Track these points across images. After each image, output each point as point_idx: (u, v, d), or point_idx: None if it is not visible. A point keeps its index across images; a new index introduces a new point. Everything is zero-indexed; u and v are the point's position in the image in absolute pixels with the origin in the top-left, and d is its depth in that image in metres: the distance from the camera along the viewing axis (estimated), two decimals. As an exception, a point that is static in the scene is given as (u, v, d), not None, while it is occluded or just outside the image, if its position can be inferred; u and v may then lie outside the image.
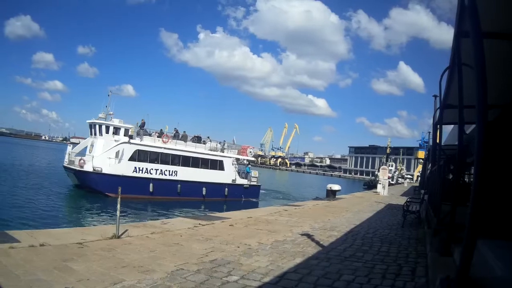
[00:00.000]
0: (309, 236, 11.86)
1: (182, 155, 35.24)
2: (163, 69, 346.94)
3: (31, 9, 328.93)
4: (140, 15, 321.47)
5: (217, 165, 37.22)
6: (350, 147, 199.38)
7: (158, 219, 16.77)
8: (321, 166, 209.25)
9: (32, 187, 32.34)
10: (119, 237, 10.26)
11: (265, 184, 59.15)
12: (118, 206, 10.51)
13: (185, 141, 36.67)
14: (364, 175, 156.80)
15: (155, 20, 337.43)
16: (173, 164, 34.70)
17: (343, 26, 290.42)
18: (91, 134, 34.34)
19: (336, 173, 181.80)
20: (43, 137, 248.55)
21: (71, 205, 28.12)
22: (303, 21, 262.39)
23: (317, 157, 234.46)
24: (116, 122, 33.77)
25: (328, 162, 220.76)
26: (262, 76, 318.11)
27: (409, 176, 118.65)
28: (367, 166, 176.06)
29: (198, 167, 35.98)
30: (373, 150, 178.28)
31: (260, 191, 41.67)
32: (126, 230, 11.09)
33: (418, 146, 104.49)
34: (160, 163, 33.81)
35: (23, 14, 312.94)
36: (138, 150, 32.88)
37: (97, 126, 33.26)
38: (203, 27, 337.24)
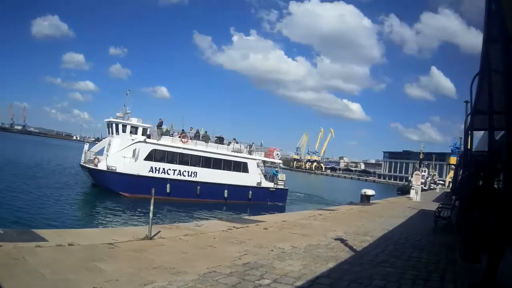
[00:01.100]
0: (342, 240, 12.13)
1: (202, 156, 35.52)
2: (197, 71, 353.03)
3: (58, 9, 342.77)
4: (172, 17, 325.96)
5: (240, 167, 37.34)
6: (384, 152, 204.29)
7: (182, 221, 16.96)
8: (356, 171, 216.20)
9: (54, 186, 32.99)
10: (151, 238, 10.40)
11: (300, 188, 61.65)
12: (151, 207, 10.69)
13: (206, 141, 36.92)
14: (398, 180, 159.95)
15: (188, 22, 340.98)
16: (192, 165, 34.99)
17: (375, 30, 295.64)
18: (108, 133, 35.15)
19: (371, 178, 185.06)
20: (74, 137, 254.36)
21: (86, 205, 28.70)
22: (337, 25, 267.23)
23: (352, 162, 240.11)
24: (134, 121, 34.39)
25: (362, 167, 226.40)
26: (297, 80, 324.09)
27: (441, 182, 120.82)
28: (400, 172, 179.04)
29: (220, 169, 36.17)
30: (407, 155, 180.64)
31: (298, 194, 40.89)
32: (159, 232, 11.24)
33: (450, 152, 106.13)
34: (179, 164, 34.19)
35: (51, 14, 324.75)
36: (155, 149, 33.32)
37: (114, 125, 34.02)
38: (236, 29, 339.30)
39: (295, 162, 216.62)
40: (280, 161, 44.41)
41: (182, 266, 7.97)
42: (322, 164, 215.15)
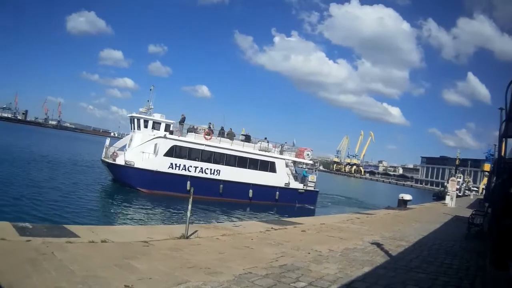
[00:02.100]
0: (378, 245, 12.48)
1: (226, 154, 35.54)
2: (239, 71, 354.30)
3: (95, 5, 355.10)
4: (212, 16, 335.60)
5: (267, 166, 37.26)
6: (422, 157, 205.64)
7: (215, 221, 17.10)
8: (394, 175, 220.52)
9: (82, 181, 33.62)
10: (187, 237, 10.52)
11: (338, 190, 63.27)
12: (190, 206, 10.81)
13: (231, 139, 37.11)
14: (434, 186, 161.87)
15: (228, 21, 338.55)
16: (215, 162, 34.98)
17: (414, 34, 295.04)
18: (131, 129, 35.66)
19: (408, 183, 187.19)
20: (112, 134, 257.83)
21: (113, 201, 28.90)
22: (376, 28, 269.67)
23: (390, 166, 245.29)
24: (157, 117, 34.69)
25: (401, 171, 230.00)
26: (338, 82, 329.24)
27: (475, 189, 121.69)
28: (437, 177, 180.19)
29: (246, 167, 36.17)
30: (444, 161, 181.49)
31: (337, 197, 40.40)
32: (196, 231, 11.39)
33: (484, 158, 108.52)
34: (201, 161, 34.30)
35: (86, 10, 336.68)
36: (175, 145, 33.49)
37: (135, 120, 34.52)
38: (277, 30, 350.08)
39: (335, 165, 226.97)
40: (311, 162, 43.91)
41: (217, 266, 8.02)
42: (361, 168, 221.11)
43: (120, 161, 32.57)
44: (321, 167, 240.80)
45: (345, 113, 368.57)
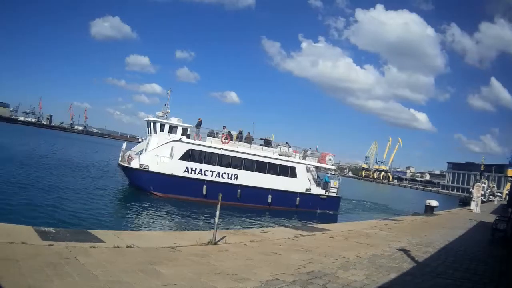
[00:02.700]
0: (405, 251, 12.64)
1: (244, 158, 35.18)
2: (267, 77, 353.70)
3: (120, 10, 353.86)
4: (239, 22, 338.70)
5: (288, 171, 36.79)
6: (448, 163, 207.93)
7: (241, 227, 17.15)
8: (421, 181, 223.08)
9: (103, 187, 33.51)
10: (215, 243, 10.54)
11: (366, 197, 65.04)
12: (217, 212, 10.79)
13: (250, 143, 36.90)
14: (460, 191, 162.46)
15: (255, 27, 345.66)
16: (233, 167, 34.62)
17: (439, 40, 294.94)
18: (148, 133, 35.54)
19: (435, 188, 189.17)
20: (139, 139, 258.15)
21: (128, 205, 28.58)
22: (402, 33, 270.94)
23: (418, 172, 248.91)
24: (174, 120, 34.63)
25: (428, 177, 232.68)
26: (365, 88, 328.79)
27: (498, 194, 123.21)
28: (463, 183, 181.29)
29: (265, 172, 35.75)
30: (469, 166, 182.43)
31: (363, 203, 39.84)
32: (224, 237, 11.44)
33: (507, 164, 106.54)
34: (218, 165, 34.00)
35: (111, 15, 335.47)
36: (191, 149, 33.29)
37: (151, 124, 34.40)
38: (304, 36, 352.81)
39: (363, 171, 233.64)
40: (333, 167, 43.43)
41: (245, 272, 8.00)
42: (389, 174, 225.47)
43: (134, 164, 32.50)
44: (350, 174, 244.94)
45: (373, 119, 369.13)
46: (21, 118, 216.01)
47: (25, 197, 22.54)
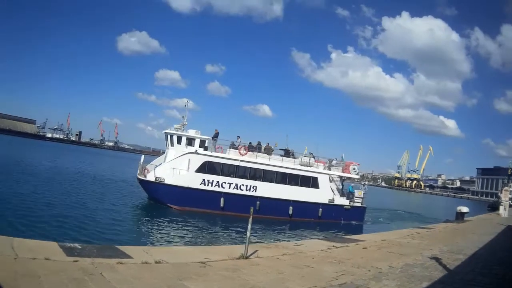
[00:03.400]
0: (437, 259, 12.80)
1: (264, 169, 35.11)
2: (298, 89, 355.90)
3: (146, 25, 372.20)
4: (268, 34, 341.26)
5: (309, 182, 36.44)
6: (477, 168, 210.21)
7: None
8: (451, 188, 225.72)
9: (130, 201, 34.07)
10: (247, 257, 10.52)
11: (400, 206, 66.94)
12: (249, 226, 10.82)
13: (269, 154, 36.82)
14: (489, 197, 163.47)
15: (284, 39, 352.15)
16: (252, 178, 34.64)
17: (463, 44, 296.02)
18: (166, 146, 35.78)
19: (465, 195, 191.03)
20: (160, 152, 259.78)
21: (154, 220, 28.47)
22: (428, 40, 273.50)
23: (448, 179, 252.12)
24: (192, 133, 34.82)
25: (458, 184, 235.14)
26: (396, 97, 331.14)
27: None
28: (492, 188, 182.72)
29: (285, 183, 35.59)
30: (497, 171, 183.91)
31: (398, 212, 39.37)
32: (256, 251, 11.43)
33: None
34: (236, 177, 34.01)
35: (138, 30, 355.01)
36: (208, 161, 33.39)
37: (169, 137, 34.64)
38: (333, 46, 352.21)
39: (396, 180, 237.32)
40: (357, 176, 42.91)
41: (276, 286, 7.98)
42: (421, 182, 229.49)
43: (150, 177, 32.75)
44: (383, 183, 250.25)
45: (404, 128, 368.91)
46: (49, 135, 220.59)
47: (51, 213, 22.75)
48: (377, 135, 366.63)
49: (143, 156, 37.24)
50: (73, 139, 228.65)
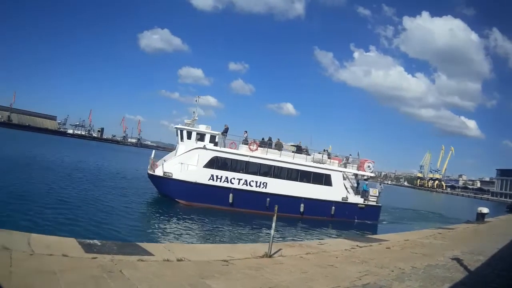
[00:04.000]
0: (458, 260, 12.99)
1: (275, 166, 34.97)
2: (322, 88, 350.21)
3: (168, 23, 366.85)
4: (290, 33, 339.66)
5: (322, 179, 36.26)
6: (497, 169, 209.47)
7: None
8: (472, 189, 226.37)
9: (150, 198, 34.52)
10: (270, 256, 10.54)
11: (421, 206, 68.45)
12: (273, 224, 10.82)
13: (280, 149, 36.72)
14: (508, 198, 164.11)
15: (307, 37, 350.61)
16: (262, 174, 34.61)
17: (482, 45, 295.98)
18: (177, 141, 35.85)
19: (485, 195, 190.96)
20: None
21: (174, 216, 28.17)
22: (448, 40, 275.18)
23: (469, 180, 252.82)
24: (202, 128, 34.78)
25: (478, 184, 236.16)
26: (418, 97, 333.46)
27: None
28: (511, 189, 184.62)
29: (297, 180, 35.44)
30: None
31: (421, 212, 39.41)
32: (280, 250, 11.47)
33: None
34: (245, 173, 34.04)
35: (160, 27, 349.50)
36: (217, 157, 33.46)
37: (179, 132, 34.74)
38: (356, 46, 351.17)
39: (418, 180, 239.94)
40: (372, 174, 42.47)
41: (299, 286, 7.96)
42: (443, 183, 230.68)
43: (159, 172, 32.98)
44: (405, 183, 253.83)
45: (426, 128, 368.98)
46: (70, 131, 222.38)
47: (69, 209, 22.86)
48: (400, 134, 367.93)
49: (154, 151, 37.33)
50: (95, 135, 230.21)
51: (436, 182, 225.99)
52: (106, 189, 34.47)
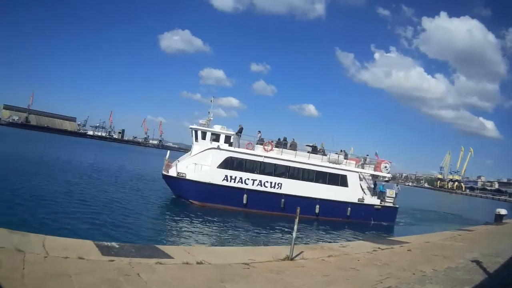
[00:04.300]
0: (478, 262, 13.02)
1: (290, 166, 34.71)
2: (343, 89, 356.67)
3: (189, 24, 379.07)
4: (311, 34, 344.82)
5: (338, 180, 35.89)
6: None
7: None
8: (490, 190, 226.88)
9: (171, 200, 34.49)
10: (292, 259, 10.47)
11: (442, 207, 70.02)
12: (295, 227, 10.78)
13: (295, 150, 36.44)
14: None
15: (328, 38, 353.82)
16: (277, 175, 34.32)
17: (499, 46, 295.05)
18: (192, 142, 35.97)
19: (503, 197, 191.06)
20: None
21: (192, 219, 27.97)
22: (466, 41, 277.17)
23: (487, 181, 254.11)
24: (217, 128, 34.81)
25: (496, 186, 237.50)
26: (437, 97, 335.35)
27: None
28: None
29: (312, 181, 35.08)
30: None
31: (441, 213, 39.37)
32: (301, 252, 11.42)
33: None
34: (260, 173, 33.79)
35: (180, 28, 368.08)
36: (231, 157, 33.34)
37: (193, 132, 34.80)
38: (376, 46, 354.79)
39: (438, 181, 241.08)
40: (388, 175, 41.96)
41: (319, 290, 7.80)
42: (462, 184, 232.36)
43: (172, 172, 33.08)
44: (426, 184, 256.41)
45: (446, 129, 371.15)
46: (90, 132, 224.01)
47: (87, 211, 22.93)
48: (421, 136, 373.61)
49: (168, 152, 37.39)
50: (116, 137, 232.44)
51: (456, 183, 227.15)
52: (126, 191, 34.78)
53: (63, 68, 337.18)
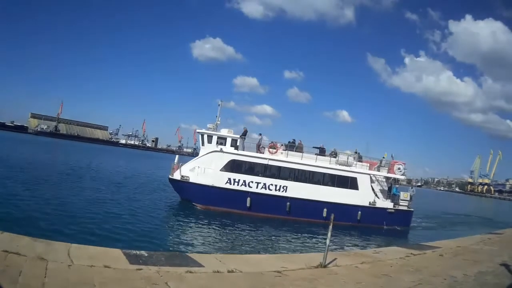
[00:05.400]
0: (507, 266, 13.06)
1: (296, 169, 34.66)
2: (376, 94, 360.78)
3: (220, 32, 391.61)
4: (342, 40, 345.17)
5: (347, 182, 35.40)
6: None
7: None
8: None
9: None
10: (325, 266, 10.47)
11: (474, 211, 72.70)
12: (329, 234, 10.83)
13: (301, 152, 35.86)
14: None
15: (359, 44, 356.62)
16: (282, 178, 34.20)
17: None
18: (200, 146, 36.60)
19: None
20: None
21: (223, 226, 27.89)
22: (491, 43, 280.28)
23: None
24: (224, 132, 35.06)
25: None
26: (466, 101, 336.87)
27: None
28: None
29: (320, 184, 34.92)
30: None
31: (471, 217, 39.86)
32: (335, 259, 11.42)
33: None
34: (264, 176, 33.83)
35: (211, 37, 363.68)
36: (234, 160, 33.53)
37: (200, 136, 35.15)
38: (406, 51, 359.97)
39: (469, 185, 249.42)
40: (403, 177, 41.32)
41: (351, 298, 7.80)
42: (491, 187, 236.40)
43: (177, 176, 33.52)
44: (457, 189, 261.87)
45: (475, 132, 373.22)
46: (123, 141, 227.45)
47: (118, 220, 23.17)
48: (452, 140, 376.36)
49: (177, 156, 37.49)
50: (149, 145, 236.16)
51: (485, 187, 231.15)
52: (155, 198, 35.37)
53: (94, 77, 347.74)
